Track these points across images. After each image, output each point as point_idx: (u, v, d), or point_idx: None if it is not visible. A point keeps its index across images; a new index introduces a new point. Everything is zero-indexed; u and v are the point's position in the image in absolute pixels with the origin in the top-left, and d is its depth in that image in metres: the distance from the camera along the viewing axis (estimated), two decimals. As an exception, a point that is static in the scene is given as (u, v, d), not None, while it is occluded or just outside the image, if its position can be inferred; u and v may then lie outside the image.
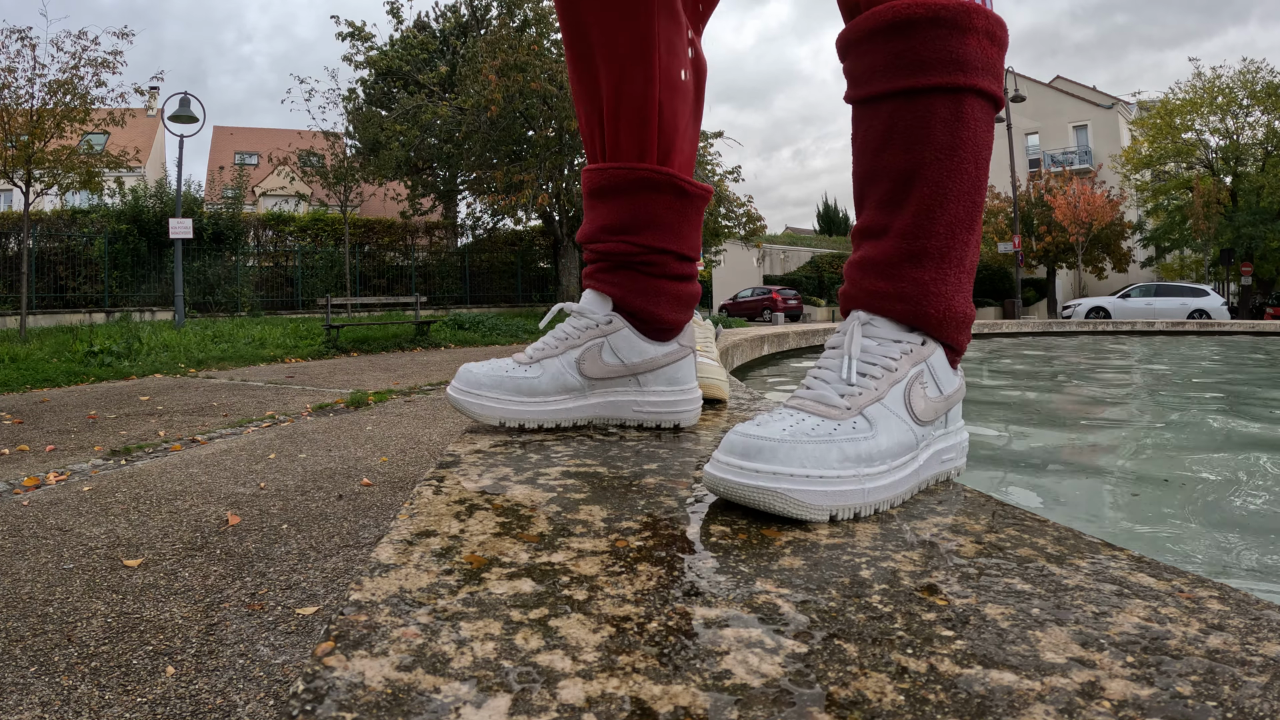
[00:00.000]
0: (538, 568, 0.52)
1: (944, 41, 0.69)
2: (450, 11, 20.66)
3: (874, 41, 0.72)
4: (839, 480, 0.62)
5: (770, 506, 0.61)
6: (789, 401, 0.70)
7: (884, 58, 0.71)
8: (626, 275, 0.98)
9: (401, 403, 5.04)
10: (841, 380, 0.69)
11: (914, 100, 0.71)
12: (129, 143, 13.85)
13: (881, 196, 0.74)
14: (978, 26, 0.70)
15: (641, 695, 0.36)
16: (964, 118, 0.70)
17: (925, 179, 0.71)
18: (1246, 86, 25.37)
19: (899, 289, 0.72)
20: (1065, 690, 0.37)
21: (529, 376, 0.94)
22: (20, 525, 2.39)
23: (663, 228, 0.98)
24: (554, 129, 15.18)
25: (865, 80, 0.74)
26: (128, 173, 13.71)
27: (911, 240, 0.72)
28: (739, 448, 0.63)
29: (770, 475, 0.61)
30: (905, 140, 0.71)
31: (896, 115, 0.71)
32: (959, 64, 0.69)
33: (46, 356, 7.53)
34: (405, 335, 10.83)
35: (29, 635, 1.60)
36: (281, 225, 18.96)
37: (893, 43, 0.71)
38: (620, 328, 0.97)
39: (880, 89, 0.72)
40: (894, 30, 0.70)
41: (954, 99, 0.70)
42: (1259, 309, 25.54)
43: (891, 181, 0.73)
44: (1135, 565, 0.54)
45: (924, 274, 0.72)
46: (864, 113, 0.75)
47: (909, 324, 0.73)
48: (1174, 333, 11.58)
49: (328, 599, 1.79)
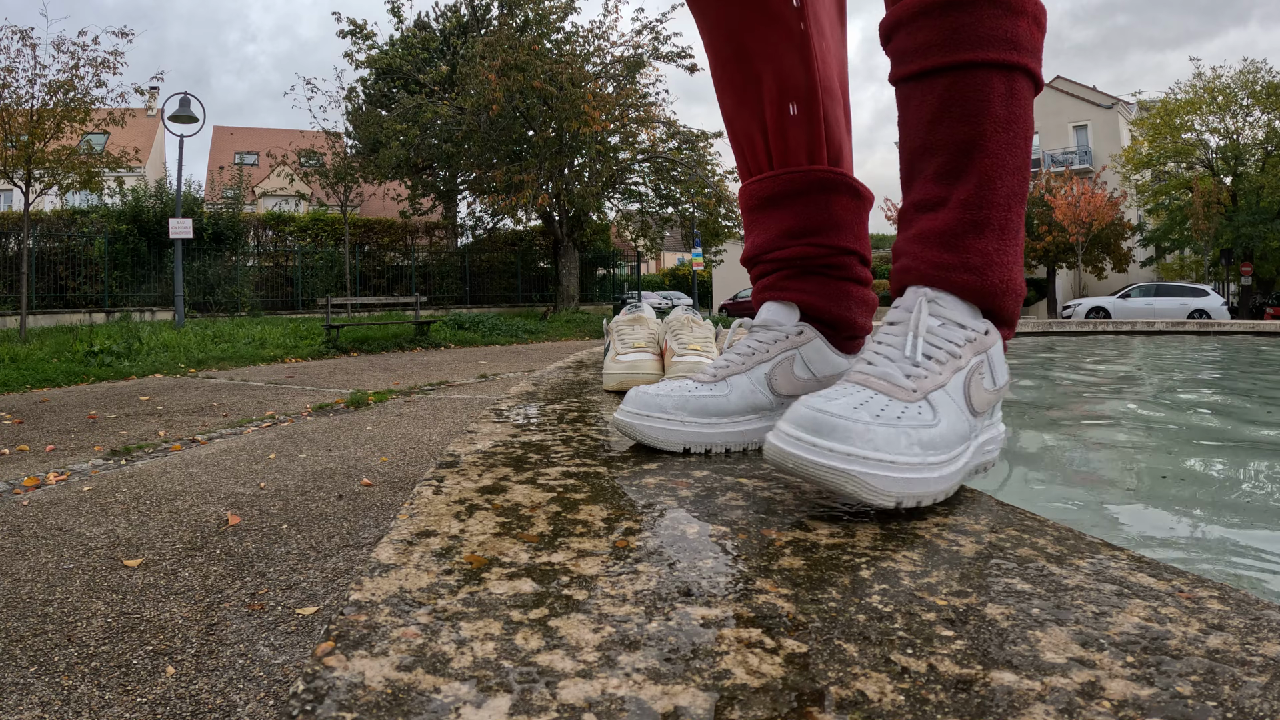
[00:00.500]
0: (538, 568, 0.52)
1: (999, 20, 0.70)
2: (450, 11, 20.68)
3: (930, 17, 0.72)
4: (909, 467, 0.61)
5: (839, 487, 0.60)
6: (851, 376, 0.69)
7: (940, 33, 0.72)
8: (815, 281, 0.93)
9: (401, 403, 5.04)
10: (906, 359, 0.68)
11: (972, 73, 0.71)
12: (129, 143, 13.85)
13: (939, 169, 0.73)
14: (1028, 10, 0.72)
15: (641, 695, 0.36)
16: (1017, 95, 0.71)
17: (985, 150, 0.71)
18: (1246, 86, 25.38)
19: (964, 259, 0.71)
20: (1065, 690, 0.37)
21: (716, 395, 0.87)
22: (20, 525, 2.39)
23: (845, 229, 0.94)
24: (554, 129, 15.18)
25: (918, 55, 0.73)
26: (128, 173, 13.71)
27: (975, 210, 0.71)
28: (810, 422, 0.61)
29: (844, 455, 0.59)
30: (963, 111, 0.71)
31: (954, 88, 0.72)
32: (1013, 43, 0.70)
33: (46, 356, 7.53)
34: (405, 335, 10.83)
35: (29, 635, 1.60)
36: (281, 225, 18.97)
37: (949, 18, 0.71)
38: (812, 338, 0.91)
39: (936, 62, 0.72)
40: (951, 6, 0.71)
41: (1008, 76, 0.71)
42: (1259, 309, 25.54)
43: (949, 153, 0.72)
44: (1135, 565, 0.54)
45: (987, 244, 0.71)
46: (916, 88, 0.75)
47: (974, 297, 0.72)
48: (1174, 333, 11.58)
49: (328, 599, 1.79)
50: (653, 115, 16.64)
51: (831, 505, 0.67)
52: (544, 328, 13.43)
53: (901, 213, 0.78)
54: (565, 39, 16.57)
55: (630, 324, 1.37)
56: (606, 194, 17.69)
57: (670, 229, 19.76)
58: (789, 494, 0.70)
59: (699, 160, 16.85)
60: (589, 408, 1.18)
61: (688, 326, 1.28)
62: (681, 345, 1.24)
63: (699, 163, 16.77)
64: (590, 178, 16.45)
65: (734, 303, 27.11)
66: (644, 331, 1.35)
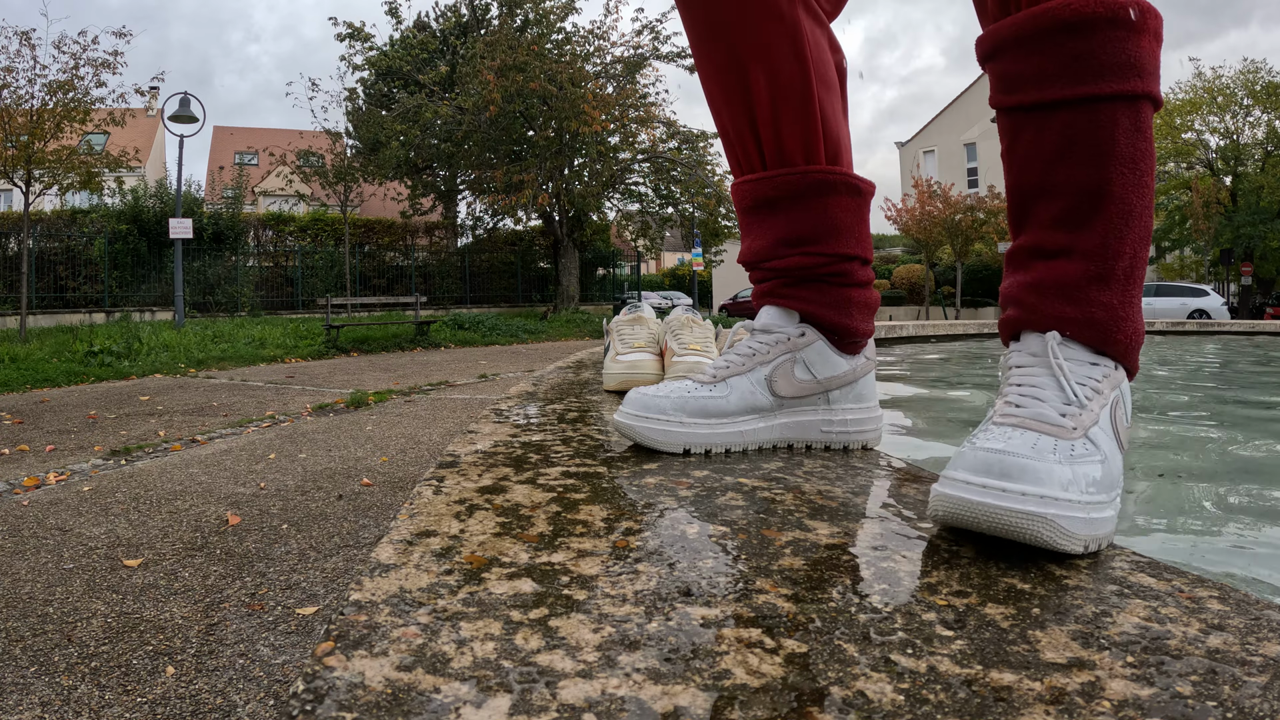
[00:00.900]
0: (538, 568, 0.52)
1: (1122, 44, 0.65)
2: (450, 11, 20.68)
3: (1043, 42, 0.67)
4: (1093, 507, 0.56)
5: (1036, 535, 0.53)
6: (1000, 420, 0.63)
7: (1057, 61, 0.66)
8: (814, 289, 0.91)
9: (401, 403, 5.04)
10: (1058, 396, 0.63)
11: (1095, 109, 0.66)
12: (129, 143, 13.85)
13: (1059, 214, 0.68)
14: (1150, 27, 0.66)
15: (641, 695, 0.36)
16: (1142, 127, 0.67)
17: (1113, 196, 0.66)
18: (1247, 86, 25.40)
19: (1088, 314, 0.67)
20: (1065, 690, 0.37)
21: (715, 397, 0.86)
22: (20, 525, 2.39)
23: (844, 232, 0.91)
24: (554, 129, 15.18)
25: (1032, 85, 0.68)
26: (128, 173, 13.71)
27: (1100, 262, 0.67)
28: (993, 466, 0.56)
29: (1038, 499, 0.54)
30: (1088, 153, 0.66)
31: (1075, 125, 0.66)
32: (1137, 69, 0.65)
33: (46, 356, 7.54)
34: (405, 335, 10.83)
35: (29, 635, 1.60)
36: (281, 225, 18.98)
37: (1068, 45, 0.66)
38: (814, 340, 0.90)
39: (1054, 96, 0.67)
40: (1071, 30, 0.65)
41: (1133, 107, 0.66)
42: (1259, 309, 25.54)
43: (1071, 198, 0.68)
44: (1135, 565, 0.54)
45: (1112, 298, 0.67)
46: (1029, 121, 0.69)
47: (1099, 347, 0.68)
48: (1174, 332, 11.59)
49: (328, 599, 1.79)
50: (653, 115, 16.63)
51: (830, 506, 0.67)
52: (544, 328, 13.43)
53: (1013, 253, 0.73)
54: (565, 39, 16.57)
55: (630, 324, 1.37)
56: (606, 194, 17.69)
57: (670, 229, 19.77)
58: (789, 494, 0.70)
59: (699, 160, 16.84)
60: (589, 408, 1.18)
61: (688, 326, 1.28)
62: (681, 345, 1.24)
63: (699, 163, 16.76)
64: (590, 178, 16.45)
65: (734, 303, 27.11)
66: (644, 331, 1.35)
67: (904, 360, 6.67)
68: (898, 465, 0.85)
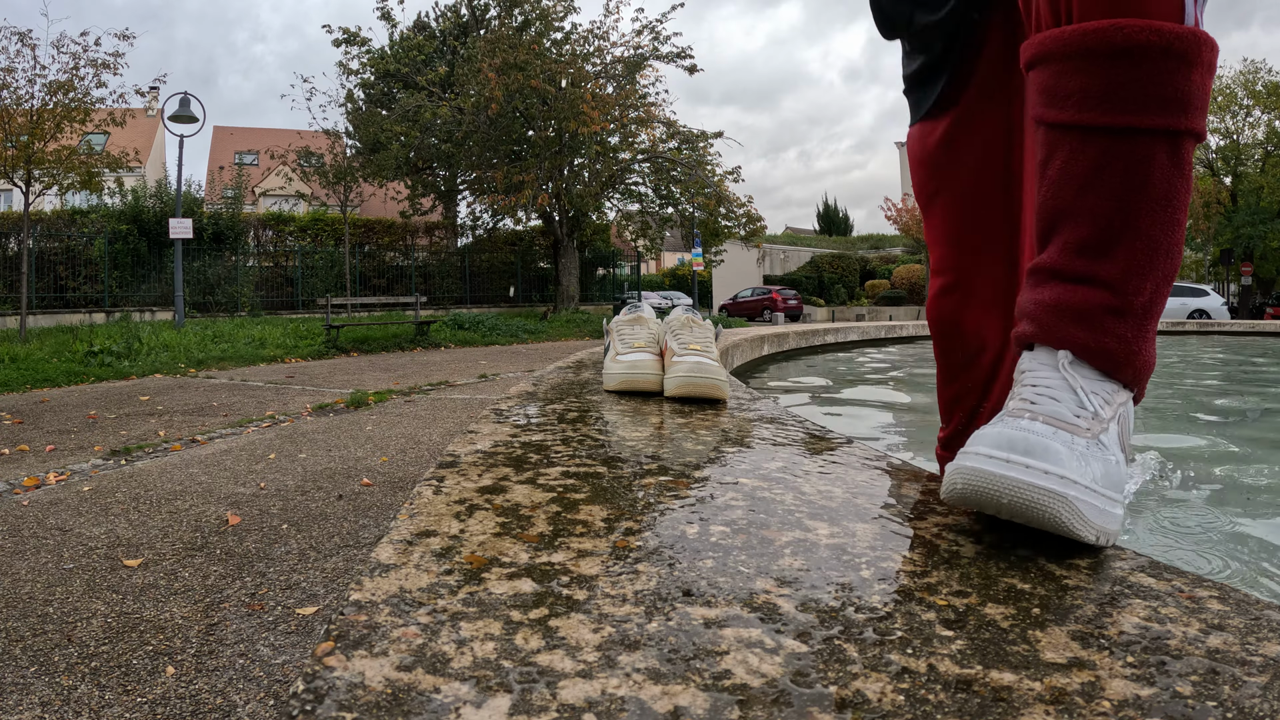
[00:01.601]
0: (538, 568, 0.52)
1: (1171, 76, 0.63)
2: (450, 11, 20.67)
3: (1091, 62, 0.65)
4: (1109, 501, 0.56)
5: (1054, 516, 0.54)
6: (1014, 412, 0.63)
7: (1102, 84, 0.64)
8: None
9: (401, 403, 5.04)
10: (1072, 398, 0.63)
11: (1134, 140, 0.64)
12: (129, 143, 13.86)
13: (1082, 240, 0.67)
14: (1204, 60, 0.64)
15: (641, 695, 0.36)
16: (1180, 163, 0.65)
17: (1139, 231, 0.65)
18: (1247, 87, 25.40)
19: (1101, 343, 0.66)
20: (1065, 690, 0.37)
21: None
22: (20, 525, 2.39)
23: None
24: (554, 129, 15.17)
25: (1072, 104, 0.66)
26: (128, 173, 13.71)
27: (1119, 295, 0.66)
28: (1017, 443, 0.56)
29: (1060, 479, 0.54)
30: (1119, 185, 0.65)
31: (1111, 154, 0.65)
32: (1183, 104, 0.63)
33: (46, 356, 7.53)
34: (405, 335, 10.83)
35: (29, 635, 1.60)
36: (281, 225, 18.98)
37: (1115, 70, 0.64)
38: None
39: (1093, 120, 0.65)
40: (1120, 56, 0.63)
41: (1173, 143, 0.64)
42: (1259, 309, 25.55)
43: (1097, 227, 0.66)
44: (1135, 565, 0.54)
45: (1128, 330, 0.67)
46: (1064, 139, 0.68)
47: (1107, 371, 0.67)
48: (1173, 332, 11.58)
49: (328, 599, 1.79)
50: (653, 115, 16.63)
51: (830, 506, 0.67)
52: (544, 328, 13.43)
53: (1034, 269, 0.72)
54: (564, 39, 16.57)
55: (630, 324, 1.37)
56: (606, 194, 17.68)
57: (670, 229, 19.76)
58: (789, 494, 0.70)
59: (699, 160, 16.84)
60: (589, 408, 1.18)
61: (688, 326, 1.28)
62: (682, 345, 1.24)
63: (699, 163, 16.75)
64: (590, 178, 16.45)
65: (734, 303, 27.09)
66: (644, 331, 1.35)
67: (906, 359, 6.67)
68: (898, 465, 0.85)
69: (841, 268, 32.18)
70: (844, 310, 28.95)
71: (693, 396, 1.20)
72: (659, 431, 0.99)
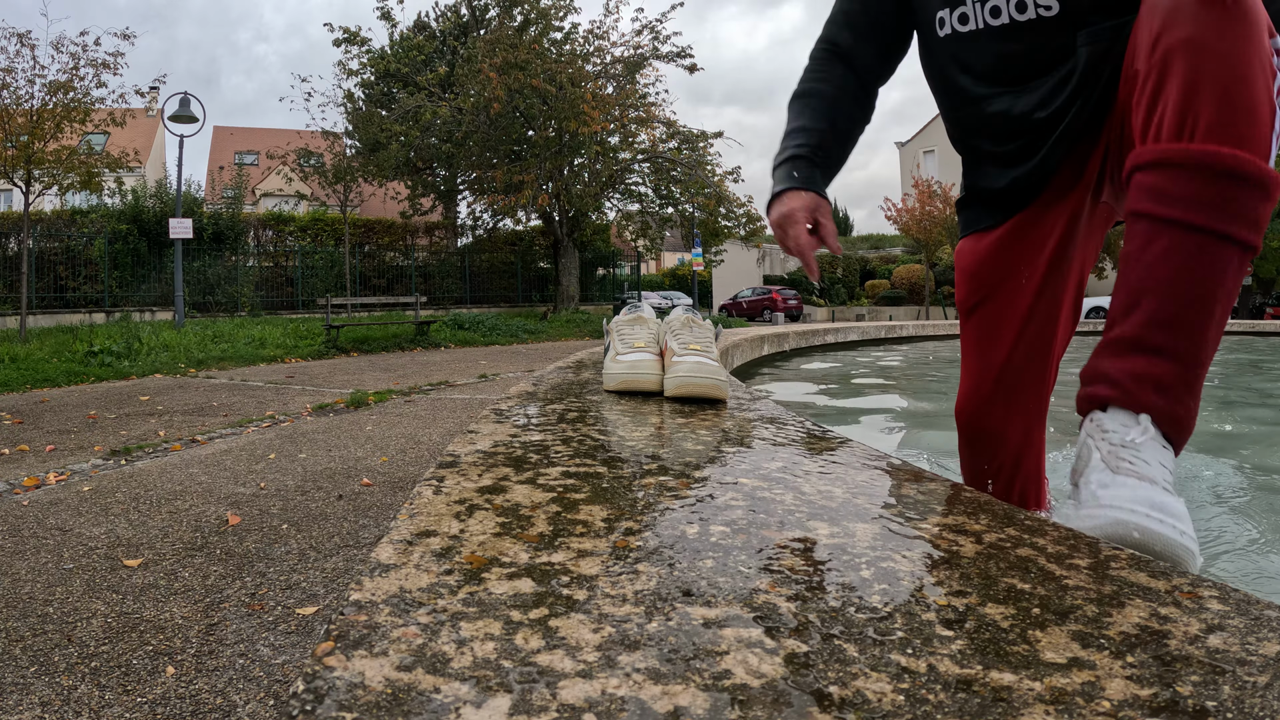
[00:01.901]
0: (538, 568, 0.52)
1: (1258, 202, 0.79)
2: (450, 11, 20.67)
3: (1204, 175, 0.78)
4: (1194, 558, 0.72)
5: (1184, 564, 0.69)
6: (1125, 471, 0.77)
7: (1212, 196, 0.78)
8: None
9: (401, 403, 5.03)
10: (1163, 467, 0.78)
11: (1224, 245, 0.79)
12: (129, 143, 13.86)
13: (1167, 318, 0.80)
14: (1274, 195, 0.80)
15: (642, 695, 0.36)
16: (1242, 270, 0.81)
17: (1212, 316, 0.80)
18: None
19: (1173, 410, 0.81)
20: (1065, 690, 0.37)
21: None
22: (20, 525, 2.39)
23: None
24: (553, 129, 15.17)
25: (1182, 205, 0.80)
26: (128, 173, 13.71)
27: (1190, 368, 0.81)
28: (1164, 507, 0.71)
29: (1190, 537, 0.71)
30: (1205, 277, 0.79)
31: (1205, 251, 0.79)
32: (1257, 225, 0.80)
33: (46, 356, 7.53)
34: (405, 335, 10.83)
35: (29, 635, 1.60)
36: (281, 225, 18.97)
37: (1225, 187, 0.78)
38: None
39: (1200, 221, 0.79)
40: (1230, 176, 0.78)
41: (1244, 253, 0.80)
42: (1259, 309, 25.54)
43: (1180, 307, 0.80)
44: (1135, 565, 0.54)
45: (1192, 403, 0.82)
46: (1164, 231, 0.81)
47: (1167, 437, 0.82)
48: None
49: (328, 599, 1.78)
50: (653, 115, 16.62)
51: (830, 506, 0.67)
52: (544, 328, 13.43)
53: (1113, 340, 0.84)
54: (565, 38, 16.56)
55: (630, 324, 1.37)
56: (606, 194, 17.67)
57: (670, 229, 19.75)
58: (789, 494, 0.70)
59: (699, 160, 16.83)
60: (589, 408, 1.18)
61: (688, 326, 1.28)
62: (682, 345, 1.24)
63: (699, 163, 16.74)
64: (590, 178, 16.44)
65: (734, 303, 27.08)
66: (644, 331, 1.35)
67: (906, 358, 6.67)
68: (898, 465, 0.85)
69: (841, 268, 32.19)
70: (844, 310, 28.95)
71: (693, 396, 1.20)
72: (659, 431, 0.99)
